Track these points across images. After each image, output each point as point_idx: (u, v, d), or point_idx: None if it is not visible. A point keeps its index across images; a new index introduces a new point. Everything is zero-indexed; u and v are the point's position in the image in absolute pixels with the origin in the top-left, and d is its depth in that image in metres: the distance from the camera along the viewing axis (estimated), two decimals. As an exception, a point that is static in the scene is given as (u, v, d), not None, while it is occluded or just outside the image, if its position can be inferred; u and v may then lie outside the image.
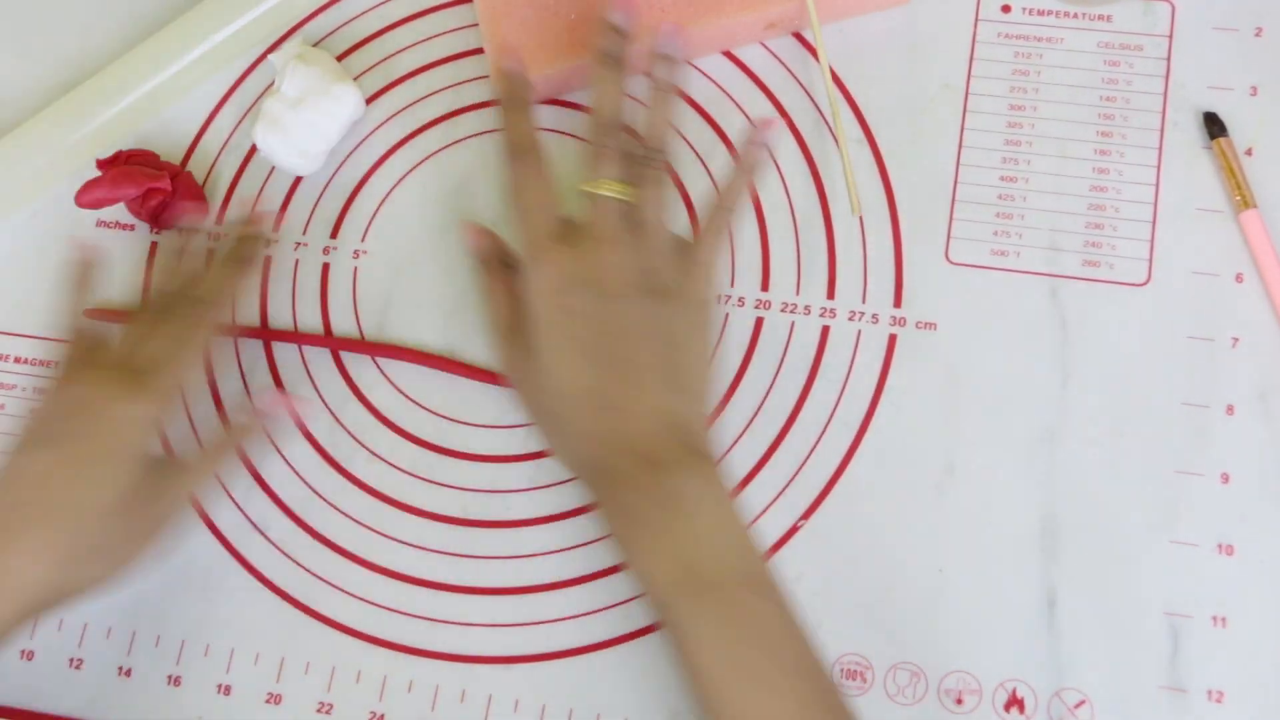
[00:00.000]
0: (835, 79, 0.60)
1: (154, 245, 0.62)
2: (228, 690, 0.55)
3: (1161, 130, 0.58)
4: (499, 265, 0.55)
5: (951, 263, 0.57)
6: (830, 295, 0.57)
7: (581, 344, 0.49)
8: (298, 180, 0.62)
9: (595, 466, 0.49)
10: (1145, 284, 0.56)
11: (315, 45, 0.63)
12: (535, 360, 0.51)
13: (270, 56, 0.62)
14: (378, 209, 0.61)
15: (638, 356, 0.49)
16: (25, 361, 0.61)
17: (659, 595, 0.46)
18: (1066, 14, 0.60)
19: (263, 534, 0.57)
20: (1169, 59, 0.58)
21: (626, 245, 0.51)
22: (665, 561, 0.46)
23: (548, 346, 0.50)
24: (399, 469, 0.58)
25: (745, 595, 0.46)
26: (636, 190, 0.52)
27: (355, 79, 0.62)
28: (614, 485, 0.48)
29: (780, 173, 0.59)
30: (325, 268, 0.61)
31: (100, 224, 0.62)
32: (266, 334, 0.59)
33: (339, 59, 0.63)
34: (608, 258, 0.50)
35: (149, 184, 0.59)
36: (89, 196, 0.60)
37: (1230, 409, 0.54)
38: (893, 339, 0.56)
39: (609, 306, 0.50)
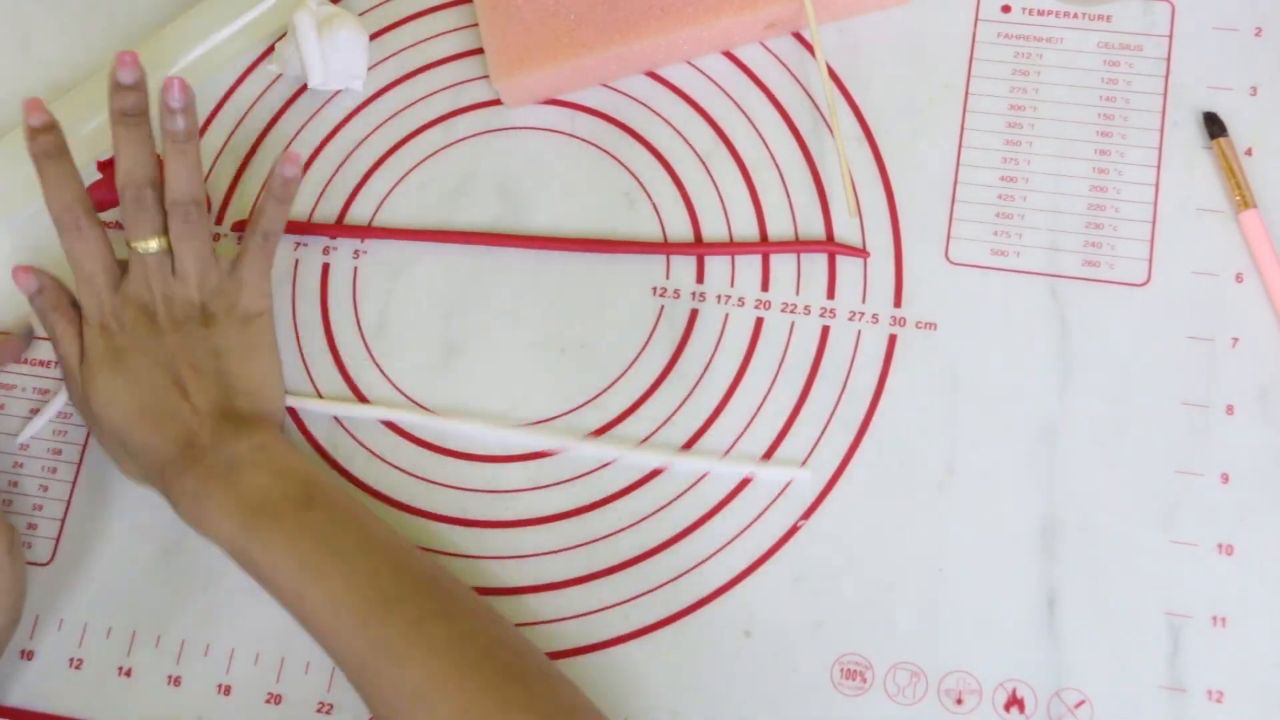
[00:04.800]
0: (835, 79, 0.60)
1: (154, 245, 0.62)
2: (228, 690, 0.55)
3: (1161, 130, 0.58)
4: (66, 307, 0.57)
5: (951, 263, 0.57)
6: (830, 295, 0.57)
7: (132, 374, 0.54)
8: (298, 180, 0.62)
9: (161, 472, 0.53)
10: (1145, 284, 0.56)
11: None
12: (94, 395, 0.55)
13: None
14: (378, 208, 0.61)
15: (189, 375, 0.55)
16: (25, 361, 0.61)
17: (229, 549, 0.52)
18: (1066, 14, 0.60)
19: (263, 534, 0.57)
20: (1169, 59, 0.58)
21: (170, 288, 0.56)
22: (229, 517, 0.51)
23: (101, 381, 0.55)
24: (399, 469, 0.58)
25: (303, 515, 0.51)
26: (175, 242, 0.56)
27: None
28: (177, 478, 0.52)
29: (780, 172, 0.59)
30: (325, 268, 0.61)
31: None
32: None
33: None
34: (152, 302, 0.56)
35: (149, 184, 0.59)
36: (91, 197, 0.59)
37: (1230, 409, 0.54)
38: (893, 339, 0.57)
39: (157, 340, 0.55)
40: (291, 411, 0.59)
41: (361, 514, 0.53)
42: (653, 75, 0.61)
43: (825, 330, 0.57)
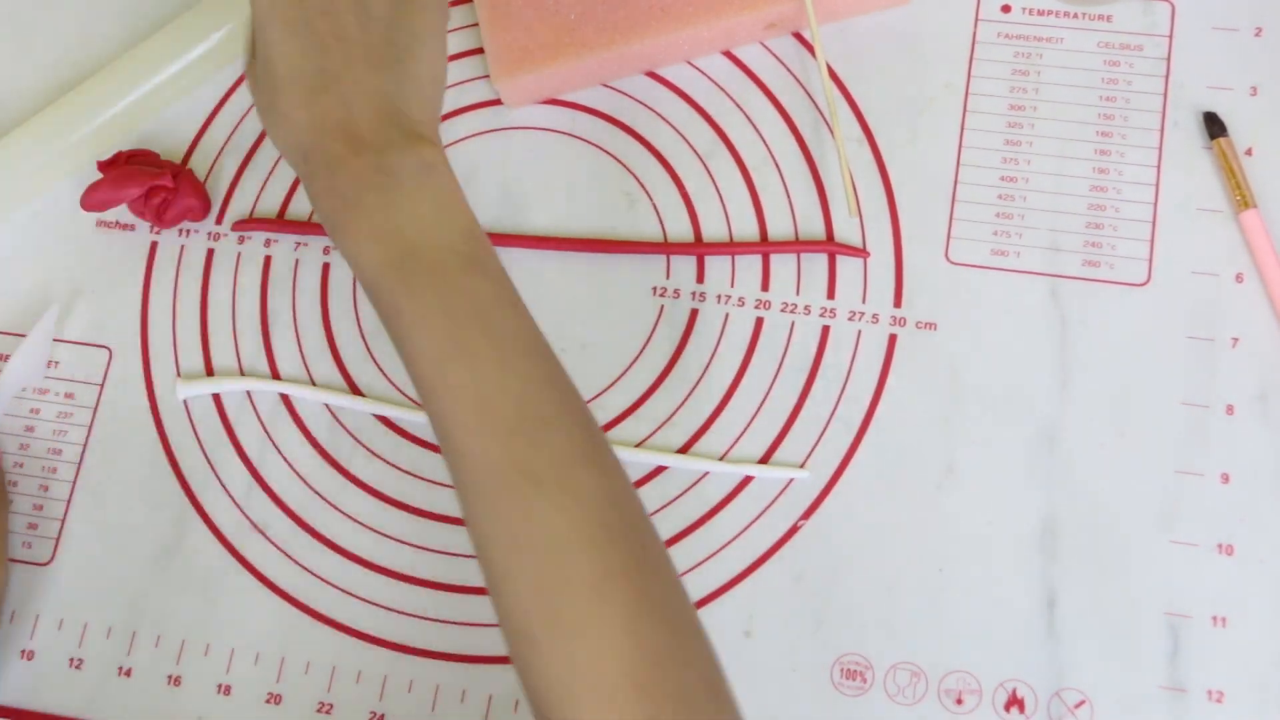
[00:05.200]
0: (835, 79, 0.60)
1: (154, 245, 0.62)
2: (228, 690, 0.55)
3: (1161, 130, 0.58)
4: None
5: (951, 263, 0.57)
6: (830, 295, 0.57)
7: (290, 26, 0.46)
8: (297, 180, 0.62)
9: (307, 153, 0.46)
10: (1145, 284, 0.56)
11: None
12: (258, 54, 0.48)
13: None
14: (378, 209, 0.61)
15: (350, 34, 0.46)
16: (25, 361, 0.61)
17: (372, 278, 0.44)
18: (1066, 14, 0.60)
19: (263, 534, 0.57)
20: (1169, 59, 0.58)
21: None
22: (380, 244, 0.44)
23: (261, 35, 0.47)
24: (399, 469, 0.58)
25: (466, 278, 0.44)
26: None
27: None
28: (325, 170, 0.45)
29: (780, 172, 0.59)
30: (325, 268, 0.61)
31: (100, 224, 0.63)
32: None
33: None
34: None
35: (151, 182, 0.59)
36: (93, 198, 0.59)
37: (1230, 409, 0.54)
38: (893, 339, 0.57)
39: None
40: (287, 403, 0.59)
41: (520, 302, 0.45)
42: (653, 75, 0.61)
43: (825, 330, 0.57)
